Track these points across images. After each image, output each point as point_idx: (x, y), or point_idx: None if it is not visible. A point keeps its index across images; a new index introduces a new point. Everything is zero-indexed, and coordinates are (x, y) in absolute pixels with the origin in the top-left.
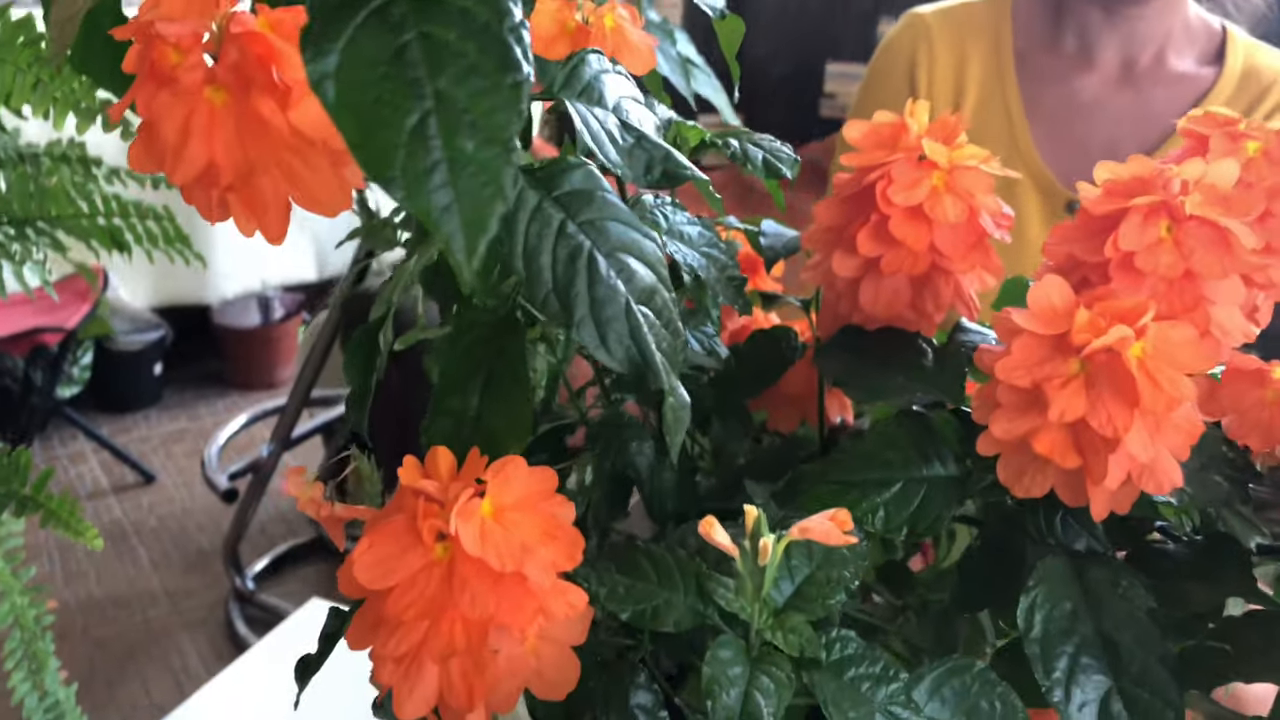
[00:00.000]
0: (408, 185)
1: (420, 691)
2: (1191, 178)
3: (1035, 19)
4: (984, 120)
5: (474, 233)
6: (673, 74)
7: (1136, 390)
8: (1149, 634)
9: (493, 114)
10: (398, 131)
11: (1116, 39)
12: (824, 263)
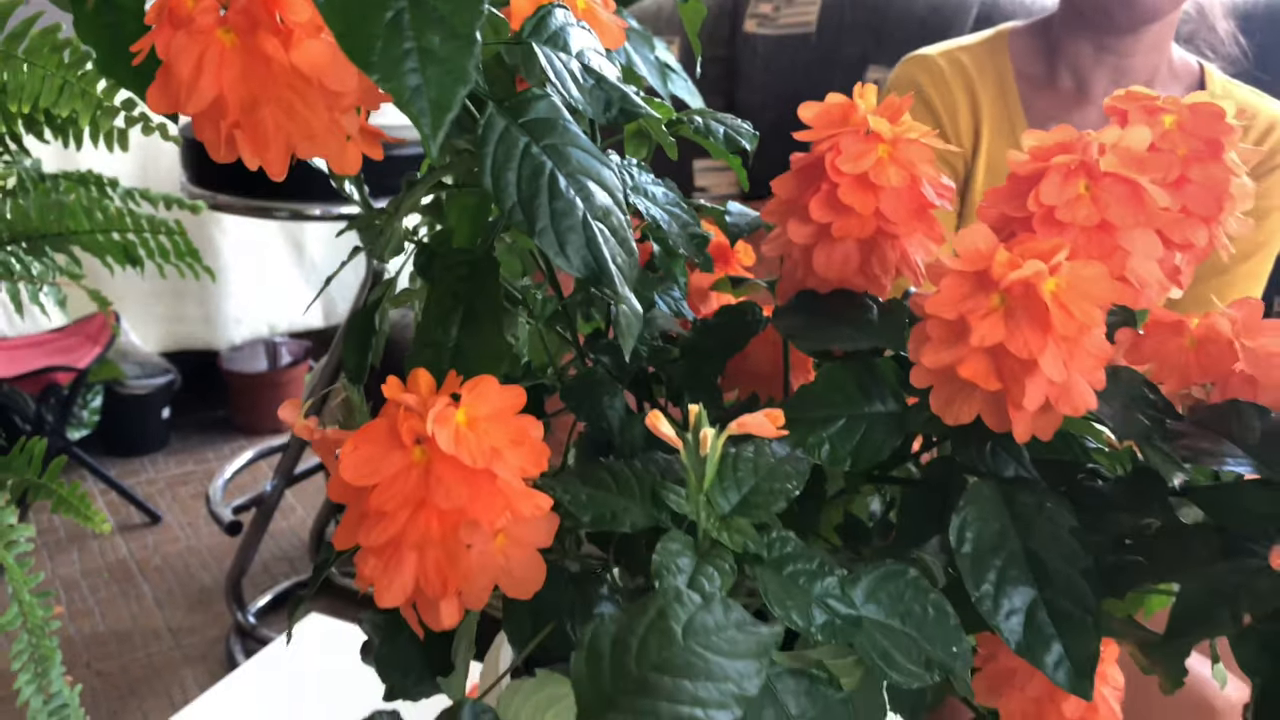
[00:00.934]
0: (384, 69)
1: (399, 581)
2: (1109, 142)
3: (1031, 59)
4: (1000, 158)
5: (439, 112)
6: (651, 76)
7: (1049, 318)
8: (1071, 550)
9: (458, 12)
10: (377, 25)
11: (1107, 74)
12: (782, 234)
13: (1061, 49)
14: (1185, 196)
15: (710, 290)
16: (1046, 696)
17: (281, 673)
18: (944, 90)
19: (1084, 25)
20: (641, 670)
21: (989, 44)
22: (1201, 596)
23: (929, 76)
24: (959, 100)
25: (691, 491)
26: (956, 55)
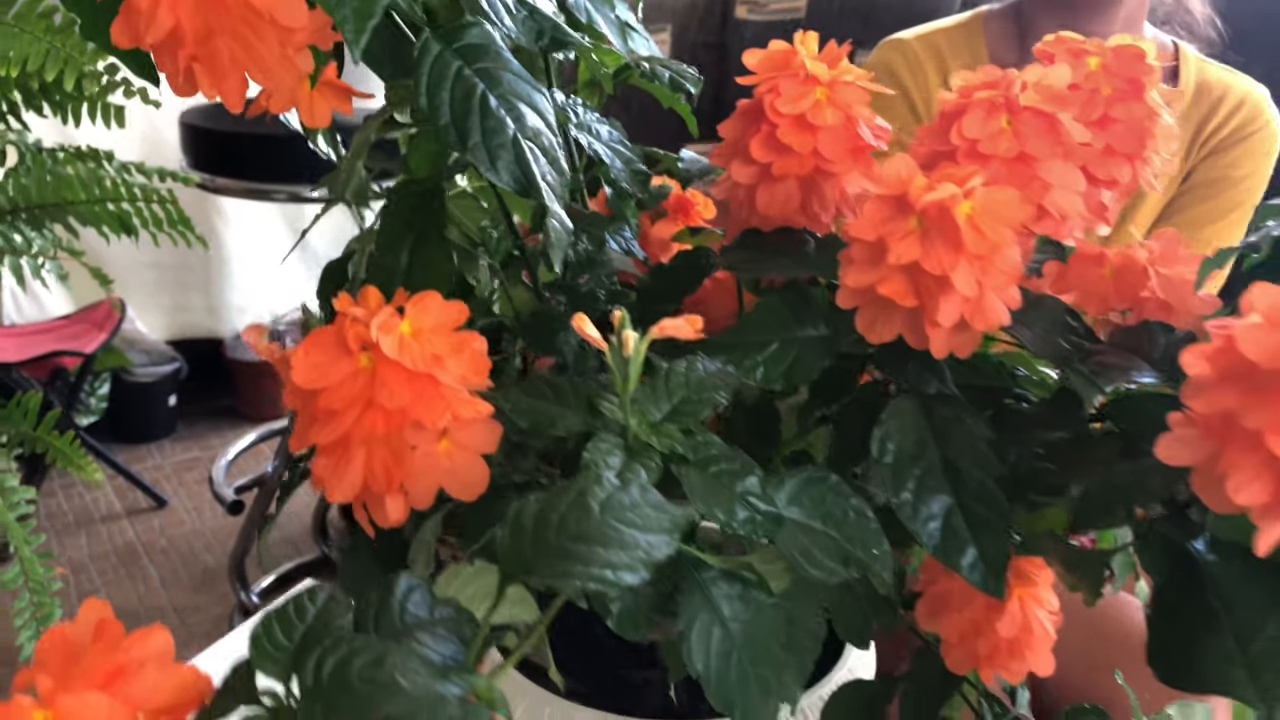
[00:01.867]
0: None
1: (348, 478)
2: (1031, 80)
3: (1004, 43)
4: None
5: (361, 19)
6: (611, 33)
7: (961, 237)
8: (986, 459)
9: None
10: None
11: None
12: (728, 176)
13: (1033, 30)
14: (1109, 135)
15: (671, 241)
16: (982, 617)
17: None
18: (918, 73)
19: (1052, 7)
20: (560, 541)
21: (965, 27)
22: (1101, 494)
23: (903, 60)
24: (932, 82)
25: (618, 391)
26: (932, 38)
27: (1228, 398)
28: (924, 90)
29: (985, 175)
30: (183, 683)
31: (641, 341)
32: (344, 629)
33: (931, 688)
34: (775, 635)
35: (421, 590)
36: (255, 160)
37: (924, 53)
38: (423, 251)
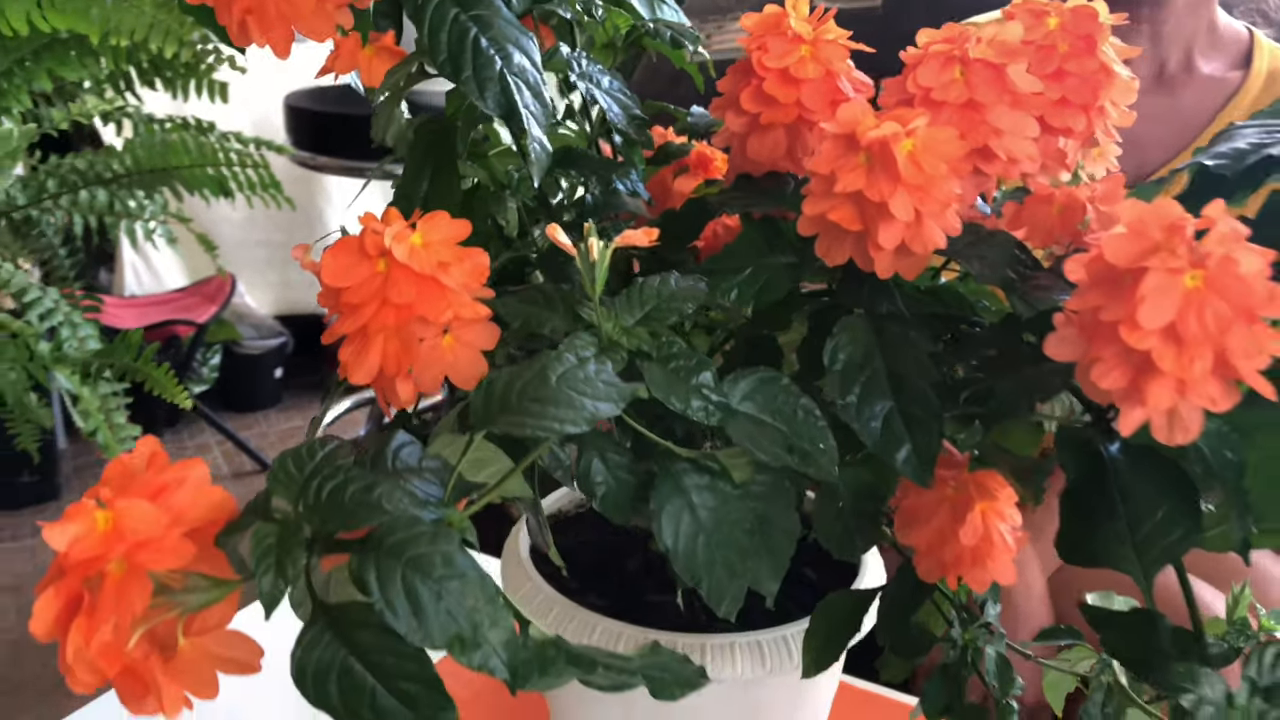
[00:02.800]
0: None
1: (366, 363)
2: (986, 36)
3: None
4: None
5: None
6: (640, 4)
7: (898, 169)
8: (924, 369)
9: None
10: None
11: (1143, 43)
12: (726, 126)
13: None
14: (1065, 87)
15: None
16: (947, 528)
17: None
18: None
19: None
20: (520, 402)
21: None
22: (1010, 391)
23: None
24: None
25: (588, 292)
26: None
27: (1095, 298)
28: None
29: (938, 119)
30: (214, 501)
31: (606, 249)
32: (346, 466)
33: (906, 596)
34: (740, 523)
35: (413, 445)
36: (352, 139)
37: None
38: (439, 181)
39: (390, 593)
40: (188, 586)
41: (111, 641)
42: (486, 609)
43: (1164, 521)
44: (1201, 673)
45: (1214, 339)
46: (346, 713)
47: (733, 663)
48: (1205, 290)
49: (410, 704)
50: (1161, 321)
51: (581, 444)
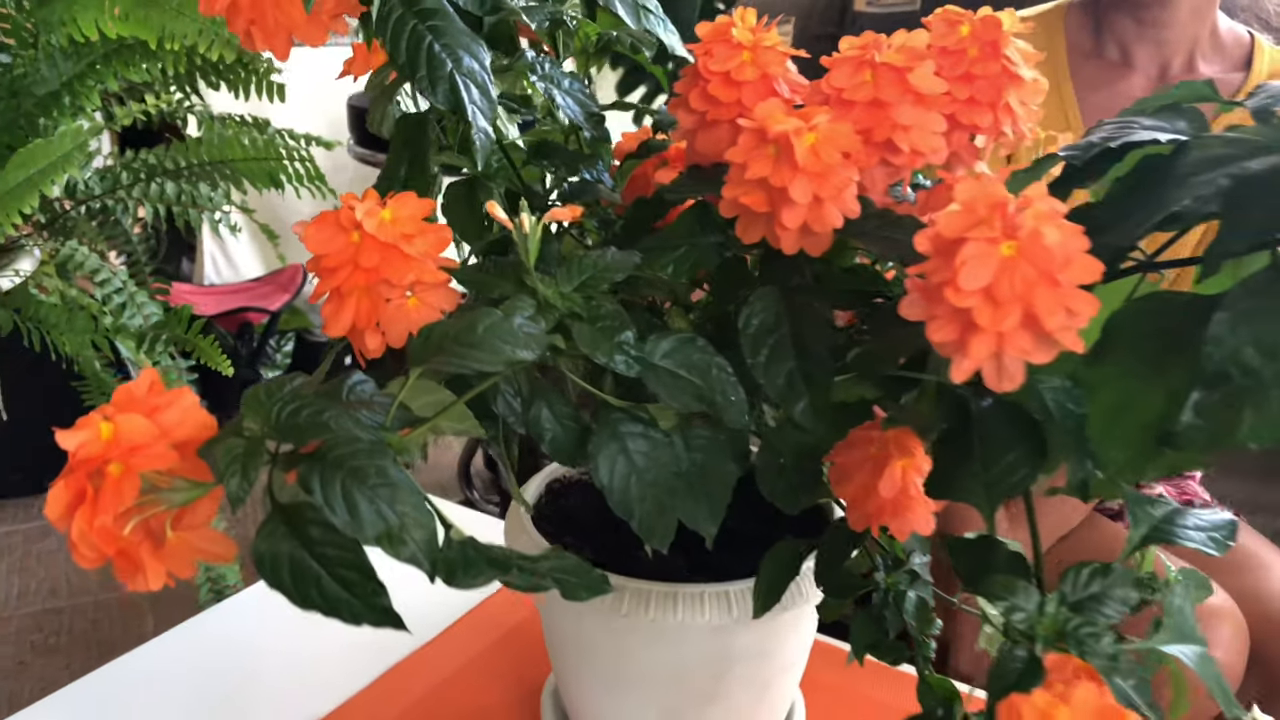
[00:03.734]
0: None
1: (341, 318)
2: (896, 43)
3: (1082, 32)
4: (1046, 120)
5: None
6: (627, 14)
7: (795, 157)
8: (825, 335)
9: None
10: None
11: (1149, 47)
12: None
13: (1107, 22)
14: (973, 88)
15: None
16: (870, 481)
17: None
18: None
19: (1126, 4)
20: (451, 345)
21: (1045, 16)
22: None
23: None
24: None
25: (523, 260)
26: None
27: (932, 265)
28: None
29: (849, 116)
30: (199, 421)
31: (537, 223)
32: (307, 395)
33: (839, 544)
34: (669, 466)
35: (368, 383)
36: None
37: None
38: (414, 167)
39: (330, 495)
40: (173, 486)
41: (110, 527)
42: (412, 512)
43: (1012, 463)
44: (1020, 586)
45: (1023, 298)
46: (298, 594)
47: (702, 610)
48: (1018, 258)
49: (348, 587)
50: (980, 284)
51: (532, 394)
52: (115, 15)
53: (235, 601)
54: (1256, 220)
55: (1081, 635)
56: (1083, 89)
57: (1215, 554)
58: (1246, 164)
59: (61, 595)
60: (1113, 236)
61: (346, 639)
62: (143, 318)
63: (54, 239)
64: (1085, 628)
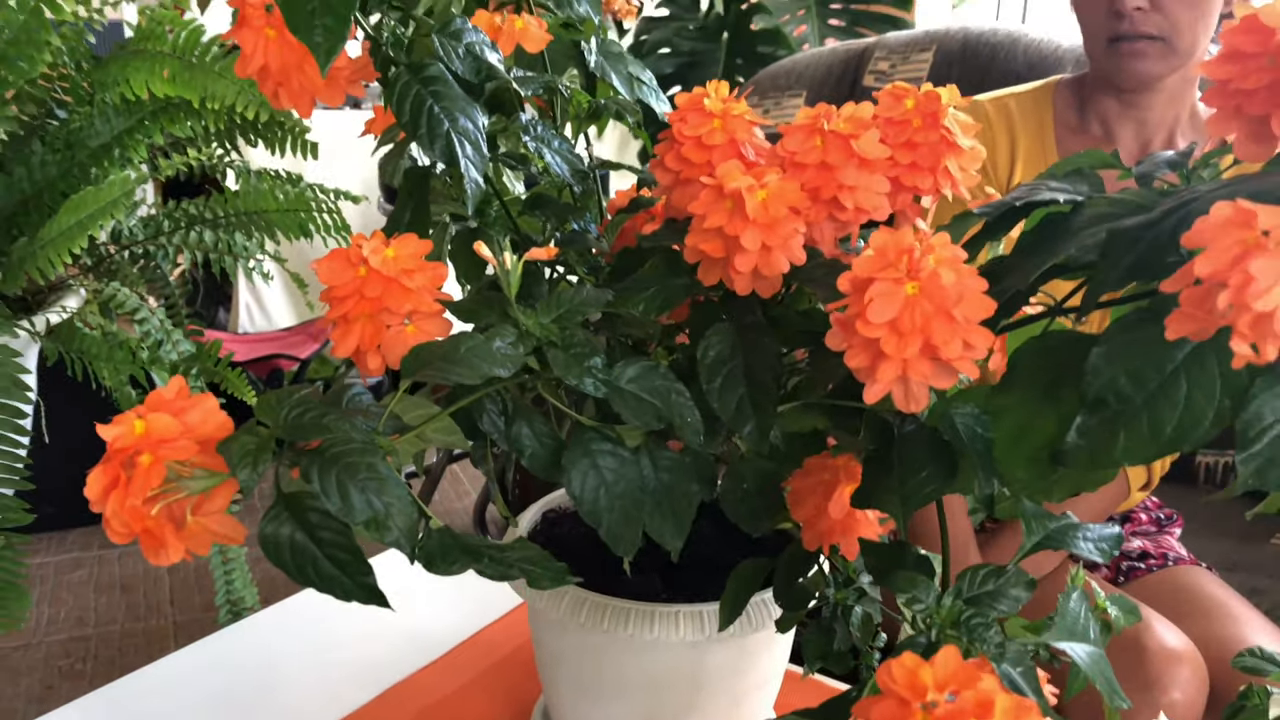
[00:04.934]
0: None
1: (347, 341)
2: (845, 114)
3: (1068, 108)
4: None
5: (327, 56)
6: (621, 86)
7: (746, 210)
8: (772, 366)
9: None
10: (305, 10)
11: (1131, 125)
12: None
13: (1092, 102)
14: (915, 154)
15: None
16: (821, 504)
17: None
18: (986, 132)
19: (1106, 84)
20: (435, 362)
21: (1036, 93)
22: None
23: (975, 119)
24: (999, 140)
25: (506, 293)
26: (1005, 101)
27: (849, 301)
28: (991, 149)
29: (800, 177)
30: (218, 421)
31: (517, 262)
32: (313, 402)
33: (795, 562)
34: (635, 481)
35: (366, 394)
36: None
37: (995, 114)
38: (417, 212)
39: (326, 485)
40: (194, 476)
41: (138, 508)
42: (396, 503)
43: (925, 478)
44: (922, 581)
45: (923, 330)
46: (297, 571)
47: (677, 627)
48: (919, 296)
49: (340, 567)
50: (886, 317)
51: (514, 414)
52: (163, 77)
53: (252, 621)
54: (1125, 267)
55: (973, 625)
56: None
57: (1100, 560)
58: (1122, 221)
59: (89, 624)
60: (1011, 281)
61: (353, 658)
62: (177, 353)
63: (99, 280)
64: (976, 618)
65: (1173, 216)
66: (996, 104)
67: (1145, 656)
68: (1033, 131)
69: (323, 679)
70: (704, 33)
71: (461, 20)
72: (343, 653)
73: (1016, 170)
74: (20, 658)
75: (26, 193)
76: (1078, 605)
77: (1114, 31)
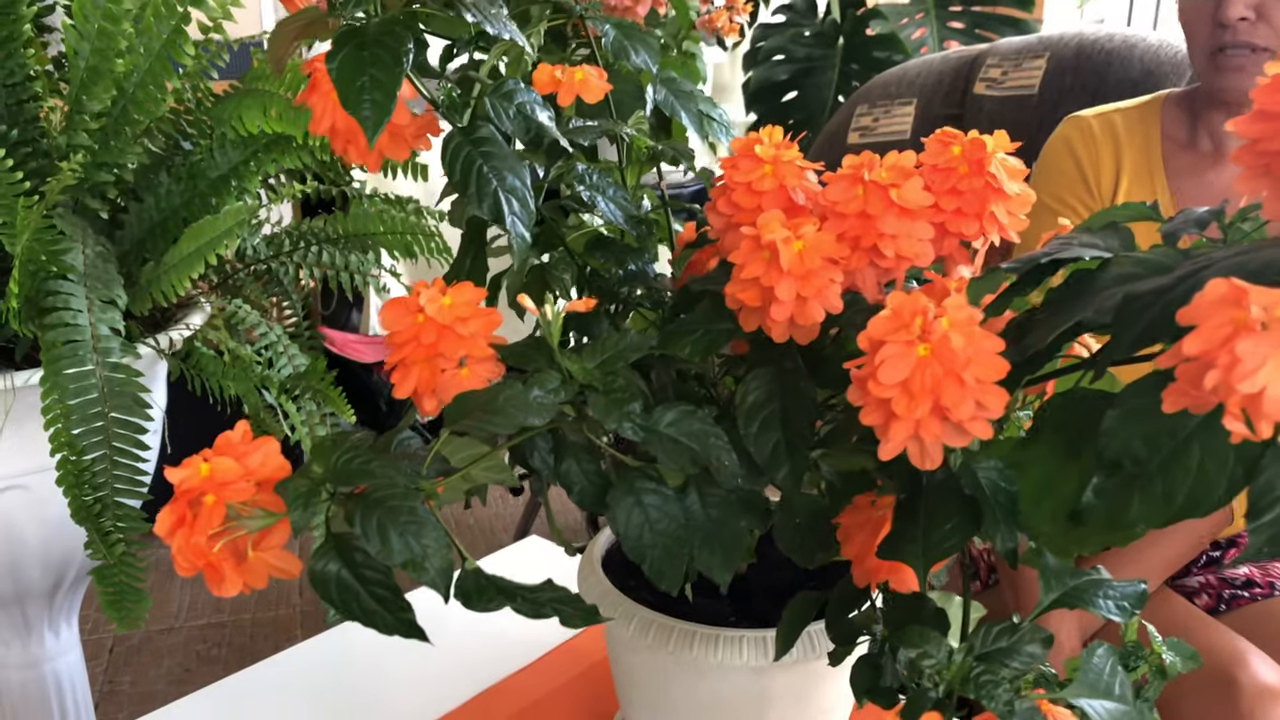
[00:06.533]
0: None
1: (407, 383)
2: (888, 164)
3: (1177, 124)
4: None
5: (374, 126)
6: (691, 124)
7: (780, 261)
8: (809, 410)
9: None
10: (355, 86)
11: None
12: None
13: (1202, 116)
14: (961, 200)
15: None
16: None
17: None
18: (1090, 146)
19: (1214, 97)
20: (476, 411)
21: (1143, 108)
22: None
23: (1079, 134)
24: (1103, 156)
25: (549, 341)
26: (1110, 116)
27: (865, 360)
28: (1095, 163)
29: (841, 226)
30: (277, 464)
31: (558, 313)
32: (363, 447)
33: (847, 597)
34: (677, 519)
35: (417, 438)
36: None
37: (1100, 130)
38: (476, 260)
39: (368, 528)
40: (252, 515)
41: (202, 545)
42: (434, 545)
43: (949, 530)
44: (934, 637)
45: (933, 392)
46: (342, 606)
47: (740, 652)
48: (930, 358)
49: (381, 603)
50: (896, 379)
51: (562, 451)
52: (271, 115)
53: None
54: (1137, 332)
55: (982, 681)
56: (1175, 177)
57: (1119, 620)
58: (1138, 283)
59: (225, 612)
60: (1034, 339)
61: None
62: (292, 367)
63: (223, 296)
64: (985, 675)
65: (1185, 283)
66: (1101, 120)
67: (1237, 692)
68: (1139, 147)
69: (424, 677)
70: (820, 39)
71: (514, 82)
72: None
73: (1122, 186)
74: (163, 640)
75: (154, 220)
76: (1102, 661)
77: (1218, 42)
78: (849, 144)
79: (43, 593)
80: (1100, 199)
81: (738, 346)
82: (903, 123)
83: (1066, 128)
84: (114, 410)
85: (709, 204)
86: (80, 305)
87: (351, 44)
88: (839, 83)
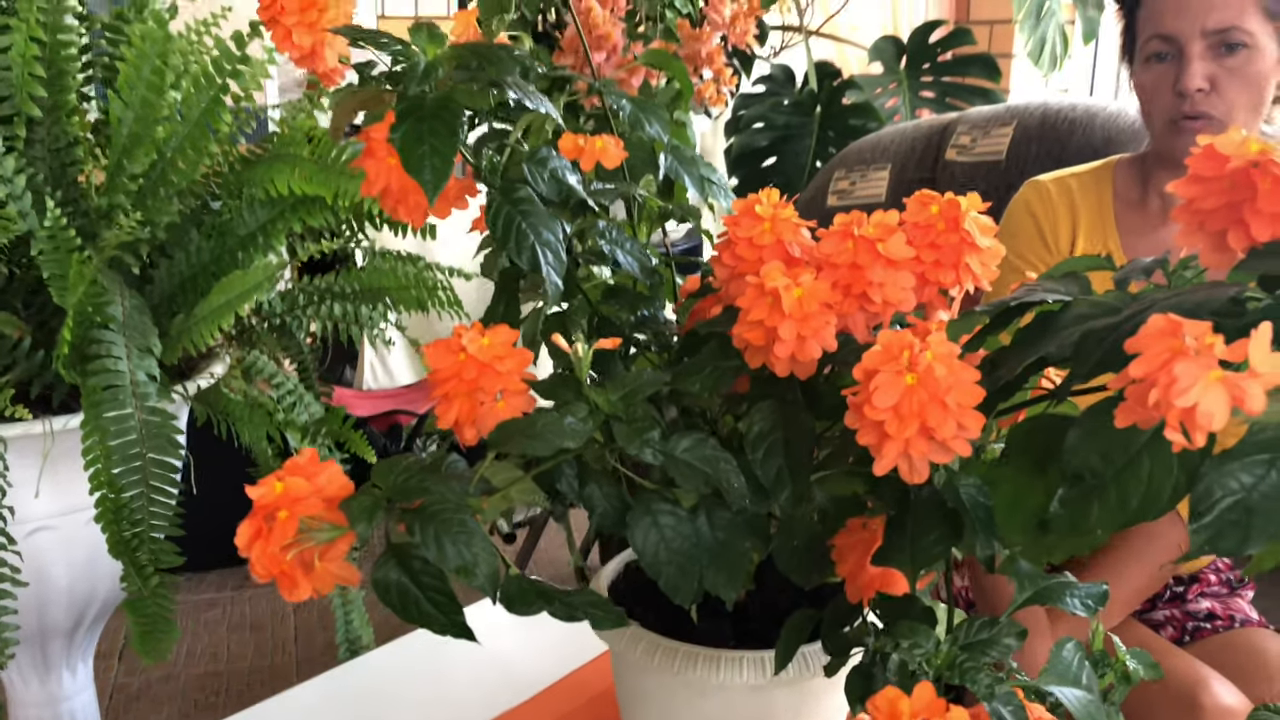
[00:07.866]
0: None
1: (450, 415)
2: (875, 221)
3: (1129, 185)
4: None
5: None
6: (693, 187)
7: (782, 305)
8: (808, 439)
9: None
10: (415, 153)
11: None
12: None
13: (1152, 178)
14: (939, 252)
15: None
16: (861, 560)
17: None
18: (1048, 208)
19: (1165, 159)
20: (515, 436)
21: (1097, 171)
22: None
23: (1038, 197)
24: (1060, 216)
25: (578, 376)
26: (1066, 180)
27: (859, 388)
28: (1053, 223)
29: (833, 275)
30: (341, 483)
31: (587, 351)
32: (417, 469)
33: (841, 613)
34: (691, 538)
35: (460, 462)
36: None
37: (1057, 193)
38: (509, 306)
39: (425, 537)
40: (320, 528)
41: (276, 555)
42: (483, 553)
43: (934, 539)
44: (922, 630)
45: (919, 415)
46: (402, 609)
47: (740, 672)
48: (917, 385)
49: (438, 607)
50: (888, 404)
51: (585, 476)
52: (300, 177)
53: (368, 658)
54: (1093, 363)
55: (965, 668)
56: (1126, 234)
57: (1084, 615)
58: (1094, 322)
59: (221, 660)
60: (1004, 371)
61: (456, 694)
62: (309, 415)
63: (242, 348)
64: (969, 662)
65: (1132, 320)
66: (1058, 183)
67: (1200, 714)
68: (1093, 207)
69: (429, 714)
70: (798, 108)
71: (546, 149)
72: (447, 689)
73: (1078, 243)
74: (161, 688)
75: (185, 275)
76: (1070, 654)
77: (1178, 110)
78: (828, 206)
79: (65, 631)
80: (1058, 255)
81: (741, 384)
82: (878, 186)
83: (1026, 191)
84: (151, 450)
85: (714, 257)
86: (120, 353)
87: (412, 117)
88: (816, 149)
